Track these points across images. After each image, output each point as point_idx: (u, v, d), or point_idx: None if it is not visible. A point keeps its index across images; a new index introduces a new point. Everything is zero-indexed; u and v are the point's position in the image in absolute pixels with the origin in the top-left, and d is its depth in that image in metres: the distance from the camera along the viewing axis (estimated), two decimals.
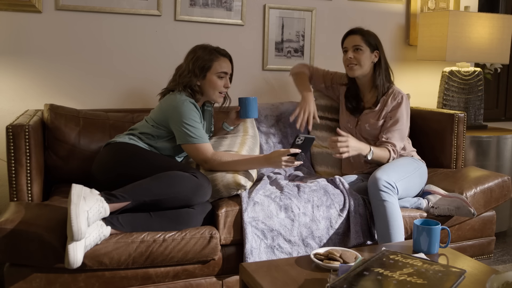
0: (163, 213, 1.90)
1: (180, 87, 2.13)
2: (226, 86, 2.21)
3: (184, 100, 2.07)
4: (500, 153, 3.01)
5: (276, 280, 1.47)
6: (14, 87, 2.47)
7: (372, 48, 2.39)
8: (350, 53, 2.37)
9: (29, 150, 1.94)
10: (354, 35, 2.40)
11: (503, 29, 3.05)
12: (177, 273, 1.92)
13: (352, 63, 2.37)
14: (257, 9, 2.91)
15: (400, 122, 2.34)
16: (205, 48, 2.18)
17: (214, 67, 2.15)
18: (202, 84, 2.17)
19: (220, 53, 2.18)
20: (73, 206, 1.63)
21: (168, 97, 2.14)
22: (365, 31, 2.41)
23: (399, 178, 2.16)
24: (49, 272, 1.74)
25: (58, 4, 2.48)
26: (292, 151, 2.01)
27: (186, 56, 2.20)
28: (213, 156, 2.05)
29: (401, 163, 2.30)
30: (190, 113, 2.06)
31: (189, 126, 2.04)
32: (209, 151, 2.07)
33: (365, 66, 2.38)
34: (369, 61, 2.39)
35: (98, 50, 2.60)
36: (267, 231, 2.02)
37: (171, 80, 2.22)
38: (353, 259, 1.56)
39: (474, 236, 2.45)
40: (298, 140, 2.00)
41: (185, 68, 2.16)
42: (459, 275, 1.38)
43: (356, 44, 2.37)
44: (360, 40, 2.37)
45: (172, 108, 2.08)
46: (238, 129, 2.38)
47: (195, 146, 2.05)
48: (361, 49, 2.36)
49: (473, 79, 3.17)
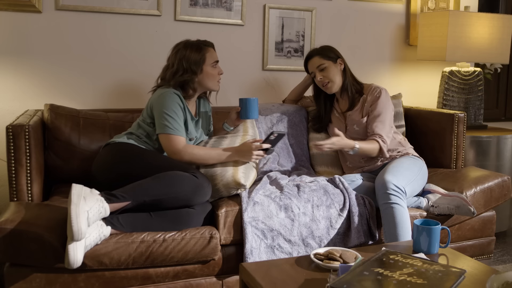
0: (163, 213, 1.90)
1: (173, 85, 2.15)
2: (220, 72, 2.25)
3: (168, 91, 2.10)
4: (500, 153, 3.01)
5: (276, 280, 1.47)
6: (14, 87, 2.47)
7: (333, 59, 2.44)
8: (318, 75, 2.43)
9: (29, 150, 1.94)
10: (312, 59, 2.47)
11: (503, 29, 3.05)
12: (177, 273, 1.92)
13: (325, 82, 2.43)
14: (257, 9, 2.91)
15: (383, 113, 2.36)
16: (191, 44, 2.20)
17: (207, 59, 2.19)
18: (200, 78, 2.19)
19: (206, 45, 2.22)
20: (73, 206, 1.63)
21: (156, 91, 2.17)
22: (319, 49, 2.47)
23: (407, 182, 2.18)
24: (49, 272, 1.74)
25: (58, 4, 2.49)
26: (264, 146, 2.09)
27: (173, 56, 2.20)
28: (184, 148, 2.05)
29: (406, 165, 2.30)
30: (172, 104, 2.08)
31: (168, 116, 2.06)
32: (181, 143, 2.06)
33: (337, 79, 2.44)
34: (338, 71, 2.45)
35: (98, 50, 2.60)
36: (267, 231, 2.02)
37: (160, 79, 2.23)
38: (353, 259, 1.56)
39: (474, 236, 2.45)
40: (271, 136, 2.10)
41: (177, 68, 2.16)
42: (459, 275, 1.38)
43: (318, 64, 2.43)
44: (319, 59, 2.43)
45: (157, 99, 2.11)
46: (238, 129, 2.38)
47: (168, 136, 2.05)
48: (325, 66, 2.42)
49: (473, 79, 3.16)
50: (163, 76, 2.21)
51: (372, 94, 2.42)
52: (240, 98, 2.30)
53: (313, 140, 2.65)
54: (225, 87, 2.85)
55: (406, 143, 2.51)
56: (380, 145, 2.30)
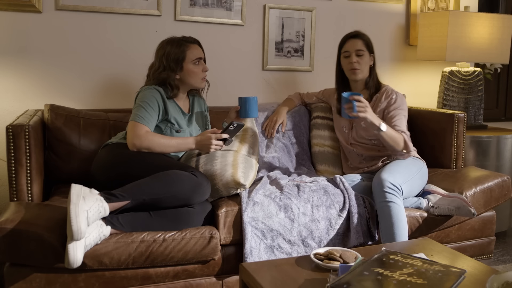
0: (163, 212, 1.90)
1: (154, 82, 2.16)
2: (204, 70, 2.24)
3: (148, 87, 2.13)
4: (500, 153, 3.01)
5: (276, 280, 1.47)
6: (14, 87, 2.47)
7: (370, 51, 2.44)
8: (354, 57, 2.40)
9: (29, 150, 1.94)
10: (356, 39, 2.42)
11: (503, 29, 3.05)
12: (177, 273, 1.92)
13: (356, 67, 2.39)
14: (257, 9, 2.91)
15: (403, 111, 2.35)
16: (172, 41, 2.20)
17: (188, 56, 2.18)
18: (181, 76, 2.19)
19: (188, 41, 2.21)
20: (72, 205, 1.63)
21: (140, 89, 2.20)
22: (364, 35, 2.45)
23: (404, 180, 2.17)
24: (49, 272, 1.74)
25: (58, 4, 2.48)
26: (223, 136, 2.11)
27: (156, 53, 2.22)
28: (145, 134, 2.03)
29: (405, 164, 2.30)
30: (148, 97, 2.09)
31: (140, 107, 2.07)
32: (144, 129, 2.04)
33: (365, 70, 2.43)
34: (368, 65, 2.44)
35: (98, 50, 2.60)
36: (267, 231, 2.02)
37: (146, 76, 2.25)
38: (353, 259, 1.56)
39: (474, 236, 2.45)
40: (230, 127, 2.12)
41: (159, 66, 2.17)
42: (459, 275, 1.38)
43: (359, 48, 2.40)
44: (361, 45, 2.41)
45: (137, 96, 2.14)
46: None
47: (134, 123, 2.04)
48: (363, 53, 2.40)
49: (473, 79, 3.16)
50: (147, 74, 2.24)
51: (387, 97, 2.39)
52: (239, 97, 2.30)
53: (316, 137, 2.65)
54: (225, 87, 2.85)
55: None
56: (404, 139, 2.25)
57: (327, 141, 2.62)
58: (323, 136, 2.65)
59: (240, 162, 2.13)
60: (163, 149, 2.06)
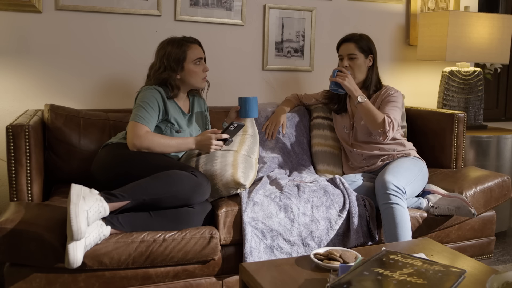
0: (163, 212, 1.90)
1: (155, 82, 2.16)
2: (205, 70, 2.25)
3: (149, 87, 2.13)
4: (500, 153, 3.01)
5: (276, 280, 1.47)
6: (14, 87, 2.47)
7: (366, 53, 2.44)
8: (346, 62, 2.43)
9: (29, 150, 1.94)
10: (348, 43, 2.45)
11: (503, 29, 3.05)
12: (177, 273, 1.92)
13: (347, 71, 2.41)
14: (257, 9, 2.91)
15: (396, 103, 2.35)
16: (173, 41, 2.20)
17: (188, 56, 2.18)
18: (182, 76, 2.19)
19: (189, 41, 2.21)
20: (72, 205, 1.63)
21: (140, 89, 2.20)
22: (358, 37, 2.45)
23: (407, 182, 2.18)
24: (49, 272, 1.74)
25: (58, 4, 2.48)
26: (223, 136, 2.11)
27: (156, 53, 2.22)
28: (145, 134, 2.03)
29: (407, 165, 2.30)
30: (148, 97, 2.09)
31: (140, 107, 2.07)
32: (144, 130, 2.04)
33: (359, 74, 2.44)
34: (364, 67, 2.44)
35: (98, 50, 2.60)
36: (267, 231, 2.02)
37: (146, 76, 2.25)
38: (353, 259, 1.56)
39: (474, 236, 2.45)
40: (231, 127, 2.13)
41: (159, 66, 2.18)
42: (459, 275, 1.38)
43: (351, 52, 2.42)
44: (354, 48, 2.42)
45: (137, 96, 2.14)
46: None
47: (134, 123, 2.05)
48: (355, 57, 2.42)
49: (473, 79, 3.16)
50: (148, 74, 2.24)
51: (386, 92, 2.42)
52: (239, 97, 2.30)
53: (316, 137, 2.65)
54: (225, 87, 2.85)
55: (409, 144, 2.51)
56: (385, 120, 2.25)
57: (327, 141, 2.62)
58: (323, 136, 2.65)
59: (240, 162, 2.13)
60: (163, 149, 2.06)
